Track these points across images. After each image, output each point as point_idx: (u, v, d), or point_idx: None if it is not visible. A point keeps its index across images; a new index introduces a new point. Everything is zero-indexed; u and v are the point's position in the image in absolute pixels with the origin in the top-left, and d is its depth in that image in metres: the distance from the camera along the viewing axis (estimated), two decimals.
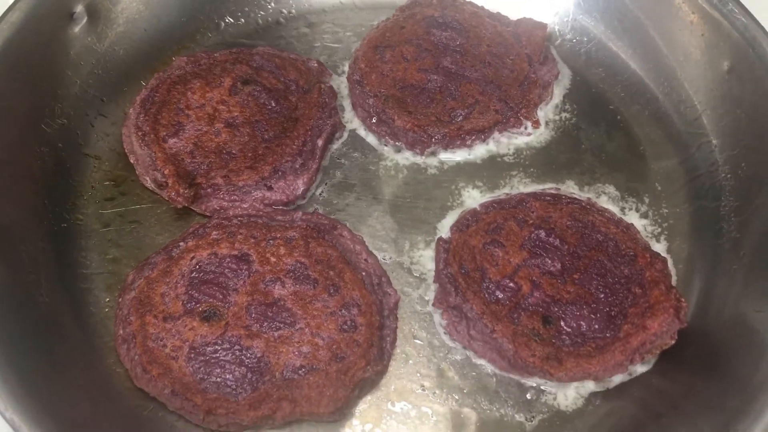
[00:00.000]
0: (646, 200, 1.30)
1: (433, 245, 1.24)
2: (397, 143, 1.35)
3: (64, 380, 1.03)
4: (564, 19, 1.50)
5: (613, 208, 1.29)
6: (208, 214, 1.26)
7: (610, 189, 1.32)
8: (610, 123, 1.40)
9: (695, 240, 1.25)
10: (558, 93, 1.43)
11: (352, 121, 1.39)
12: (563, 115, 1.40)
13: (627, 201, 1.30)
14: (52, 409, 0.93)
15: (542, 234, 1.21)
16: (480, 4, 1.50)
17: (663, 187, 1.32)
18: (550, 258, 1.19)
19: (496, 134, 1.36)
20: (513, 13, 1.49)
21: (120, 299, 1.15)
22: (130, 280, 1.16)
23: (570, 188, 1.31)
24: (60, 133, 1.27)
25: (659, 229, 1.28)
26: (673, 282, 1.21)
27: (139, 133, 1.28)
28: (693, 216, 1.28)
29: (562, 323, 1.13)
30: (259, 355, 1.08)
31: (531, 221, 1.22)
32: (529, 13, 1.49)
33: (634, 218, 1.28)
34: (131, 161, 1.29)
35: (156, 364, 1.07)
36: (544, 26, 1.45)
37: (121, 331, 1.12)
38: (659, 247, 1.25)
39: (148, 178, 1.28)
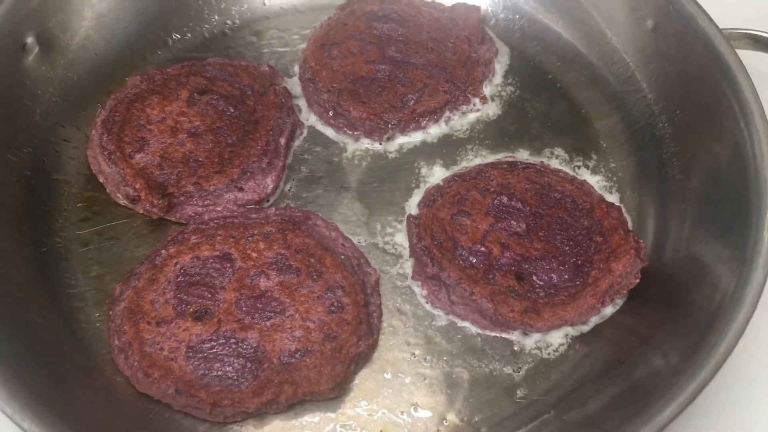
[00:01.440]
0: (594, 158, 1.39)
1: (403, 224, 1.30)
2: (355, 133, 1.41)
3: (71, 393, 1.05)
4: (495, 0, 1.58)
5: (566, 169, 1.37)
6: (183, 221, 1.29)
7: (560, 151, 1.40)
8: (551, 91, 1.48)
9: (644, 187, 1.34)
10: (499, 69, 1.51)
11: (308, 118, 1.44)
12: (507, 89, 1.48)
13: (577, 161, 1.39)
14: (68, 418, 0.95)
15: (504, 199, 1.28)
16: None
17: (607, 144, 1.41)
18: (515, 220, 1.26)
19: (447, 113, 1.43)
20: (447, 1, 1.57)
21: (111, 312, 1.18)
22: (118, 293, 1.19)
23: (523, 156, 1.39)
24: (27, 161, 1.29)
25: (610, 183, 1.36)
26: (630, 227, 1.29)
27: (105, 153, 1.31)
28: (638, 166, 1.37)
29: (535, 278, 1.21)
30: (254, 345, 1.12)
31: (492, 189, 1.30)
32: None
33: (585, 175, 1.36)
34: (100, 180, 1.32)
35: (156, 367, 1.10)
36: (477, 9, 1.54)
37: (116, 342, 1.14)
38: (612, 198, 1.34)
39: (119, 195, 1.31)
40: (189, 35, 1.54)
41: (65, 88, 1.39)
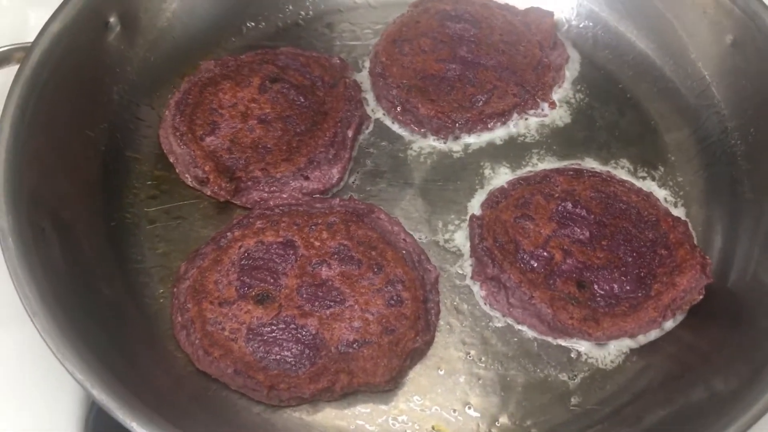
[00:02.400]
0: (661, 170, 1.38)
1: (465, 223, 1.31)
2: (422, 130, 1.41)
3: (135, 364, 1.08)
4: (569, 6, 1.58)
5: (631, 180, 1.36)
6: (248, 206, 1.31)
7: (626, 162, 1.39)
8: (620, 101, 1.47)
9: (711, 204, 1.33)
10: (569, 76, 1.50)
11: (376, 112, 1.45)
12: (577, 96, 1.48)
13: (642, 172, 1.38)
14: (132, 386, 0.98)
15: (569, 206, 1.28)
16: None
17: (676, 158, 1.39)
18: (578, 227, 1.26)
19: (515, 116, 1.43)
20: (520, 4, 1.57)
21: (175, 289, 1.20)
22: (183, 271, 1.22)
23: (589, 164, 1.38)
24: (102, 137, 1.32)
25: (676, 197, 1.35)
26: (695, 243, 1.28)
27: (177, 134, 1.34)
28: (707, 182, 1.35)
29: (596, 286, 1.20)
30: (313, 332, 1.14)
31: (557, 195, 1.29)
32: (536, 3, 1.56)
33: (651, 188, 1.35)
34: (171, 160, 1.35)
35: (217, 347, 1.12)
36: (551, 14, 1.53)
37: (179, 318, 1.17)
38: (678, 212, 1.32)
39: (188, 176, 1.33)
40: (263, 24, 1.56)
41: (143, 68, 1.42)
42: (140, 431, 0.91)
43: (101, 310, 1.12)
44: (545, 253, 1.23)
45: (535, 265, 1.22)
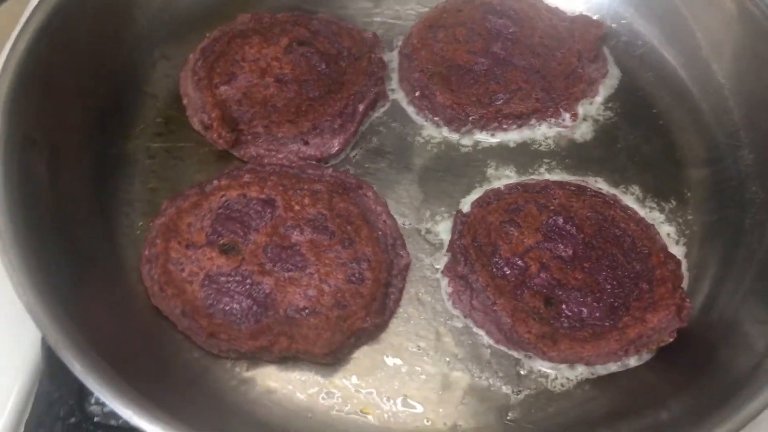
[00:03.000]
0: (672, 204, 1.31)
1: (452, 217, 1.28)
2: (435, 118, 1.39)
3: (91, 289, 1.11)
4: (621, 21, 1.51)
5: (638, 209, 1.29)
6: (245, 159, 1.32)
7: (638, 189, 1.32)
8: (650, 126, 1.40)
9: (714, 248, 1.25)
10: (603, 92, 1.44)
11: (397, 93, 1.43)
12: (606, 113, 1.42)
13: (653, 203, 1.31)
14: (78, 317, 1.00)
15: (560, 220, 1.23)
16: None
17: (692, 194, 1.32)
18: (564, 244, 1.21)
19: (533, 122, 1.38)
20: (572, 10, 1.52)
21: (151, 224, 1.23)
22: (163, 208, 1.24)
23: (599, 184, 1.33)
24: (123, 67, 1.36)
25: (680, 235, 1.28)
26: (684, 285, 1.21)
27: (195, 78, 1.36)
28: (716, 225, 1.28)
29: (564, 306, 1.15)
30: (267, 291, 1.14)
31: (552, 207, 1.25)
32: (588, 12, 1.51)
33: (657, 220, 1.28)
34: (184, 102, 1.37)
35: (172, 285, 1.14)
36: (600, 25, 1.47)
37: (146, 252, 1.19)
38: (676, 250, 1.25)
39: (196, 120, 1.35)
40: None
41: (176, 8, 1.45)
42: (80, 372, 0.93)
43: (74, 230, 1.15)
44: (521, 263, 1.19)
45: (508, 272, 1.18)
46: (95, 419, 1.10)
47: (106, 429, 1.09)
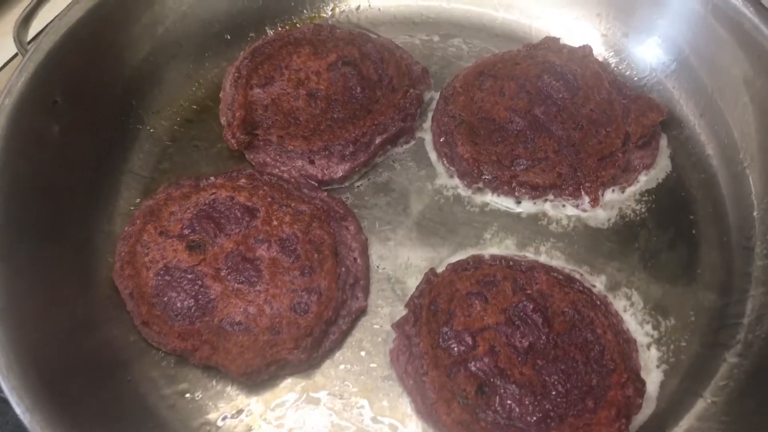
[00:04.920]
0: (670, 324, 1.18)
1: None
2: (451, 168, 1.34)
3: (58, 249, 1.17)
4: (692, 114, 1.38)
5: (630, 319, 1.18)
6: (254, 164, 1.35)
7: (637, 298, 1.21)
8: (681, 233, 1.27)
9: (693, 384, 1.12)
10: (644, 183, 1.32)
11: (426, 133, 1.40)
12: (636, 207, 1.30)
13: (649, 317, 1.19)
14: (36, 273, 1.08)
15: (530, 307, 1.14)
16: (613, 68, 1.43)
17: (696, 319, 1.18)
18: (523, 333, 1.13)
19: (550, 197, 1.30)
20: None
21: (143, 203, 1.28)
22: (158, 191, 1.28)
23: (596, 280, 1.22)
24: (177, 50, 1.43)
25: (664, 360, 1.15)
26: (646, 415, 1.09)
27: (236, 74, 1.40)
28: (706, 361, 1.14)
29: (496, 399, 1.08)
30: (211, 297, 1.16)
31: (528, 291, 1.16)
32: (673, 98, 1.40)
33: (645, 339, 1.17)
34: (220, 96, 1.41)
35: (131, 266, 1.19)
36: (662, 110, 1.34)
37: (127, 228, 1.25)
38: (653, 375, 1.13)
39: (223, 116, 1.40)
40: (380, 8, 1.55)
41: (246, 8, 1.49)
42: None
43: (69, 193, 1.23)
44: (470, 340, 1.12)
45: (453, 346, 1.12)
46: None
47: None
